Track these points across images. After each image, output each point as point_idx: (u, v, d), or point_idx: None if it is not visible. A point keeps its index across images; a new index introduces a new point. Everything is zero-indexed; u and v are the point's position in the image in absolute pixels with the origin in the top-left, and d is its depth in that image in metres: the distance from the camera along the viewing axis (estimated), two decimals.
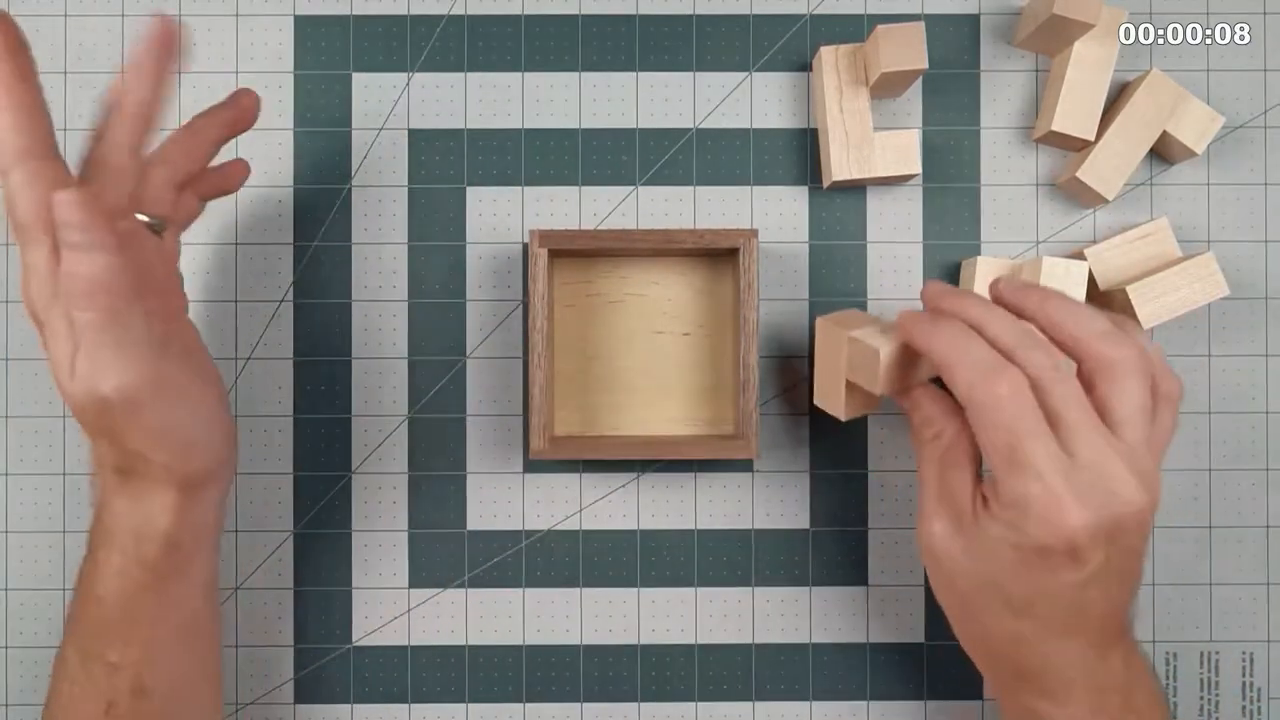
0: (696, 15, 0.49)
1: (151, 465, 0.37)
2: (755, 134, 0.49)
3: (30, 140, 0.34)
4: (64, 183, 0.34)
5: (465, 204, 0.49)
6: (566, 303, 0.48)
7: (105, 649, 0.38)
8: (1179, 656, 0.48)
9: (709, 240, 0.44)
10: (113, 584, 0.38)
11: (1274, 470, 0.49)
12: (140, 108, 0.35)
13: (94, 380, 0.34)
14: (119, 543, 0.38)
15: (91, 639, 0.38)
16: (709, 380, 0.48)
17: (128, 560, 0.38)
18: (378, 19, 0.49)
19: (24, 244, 0.34)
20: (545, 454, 0.44)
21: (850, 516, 0.49)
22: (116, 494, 0.38)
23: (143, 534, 0.38)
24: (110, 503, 0.38)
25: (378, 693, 0.48)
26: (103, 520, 0.38)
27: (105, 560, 0.38)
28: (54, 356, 0.35)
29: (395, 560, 0.48)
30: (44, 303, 0.35)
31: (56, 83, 0.48)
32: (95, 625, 0.38)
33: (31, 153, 0.34)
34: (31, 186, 0.33)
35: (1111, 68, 0.46)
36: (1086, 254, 0.46)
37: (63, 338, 0.35)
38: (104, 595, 0.38)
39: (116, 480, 0.38)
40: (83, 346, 0.34)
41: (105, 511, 0.38)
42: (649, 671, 0.48)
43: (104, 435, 0.37)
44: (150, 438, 0.36)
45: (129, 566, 0.38)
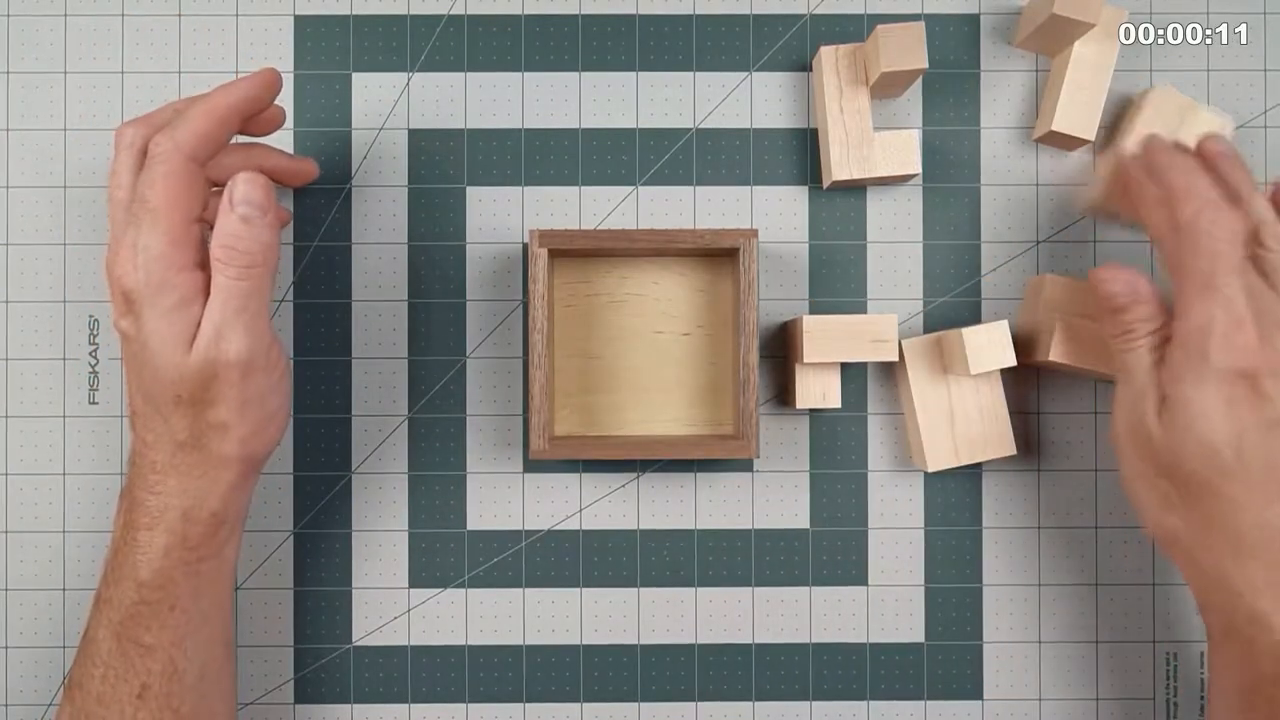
0: (696, 15, 0.49)
1: (226, 439, 0.39)
2: (755, 134, 0.49)
3: (198, 144, 0.39)
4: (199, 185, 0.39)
5: (465, 204, 0.49)
6: (566, 302, 0.48)
7: (141, 632, 0.39)
8: (1179, 656, 0.48)
9: (709, 240, 0.44)
10: (156, 565, 0.39)
11: None
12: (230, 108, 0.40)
13: (223, 345, 0.37)
14: (166, 522, 0.39)
15: (128, 622, 0.39)
16: (709, 380, 0.48)
17: (173, 540, 0.39)
18: (378, 19, 0.49)
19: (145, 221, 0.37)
20: (545, 454, 0.44)
21: (850, 516, 0.49)
22: (170, 473, 0.39)
23: (192, 514, 0.39)
24: (160, 482, 0.39)
25: (378, 693, 0.48)
26: (146, 502, 0.39)
27: (149, 541, 0.39)
28: (162, 329, 0.37)
29: (395, 560, 0.48)
30: (157, 278, 0.37)
31: (56, 82, 0.48)
32: (133, 608, 0.39)
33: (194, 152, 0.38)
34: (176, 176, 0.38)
35: (1111, 68, 0.46)
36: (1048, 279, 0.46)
37: (180, 309, 0.37)
38: (146, 578, 0.39)
39: (177, 457, 0.39)
40: (225, 314, 0.37)
41: (151, 492, 0.39)
42: (649, 671, 0.48)
43: (199, 404, 0.38)
44: (243, 408, 0.39)
45: (174, 547, 0.39)
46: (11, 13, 0.48)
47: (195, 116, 0.39)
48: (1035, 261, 0.49)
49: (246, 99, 0.40)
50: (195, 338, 0.38)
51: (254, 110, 0.41)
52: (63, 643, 0.48)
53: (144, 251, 0.37)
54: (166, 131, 0.38)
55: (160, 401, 0.38)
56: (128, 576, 0.39)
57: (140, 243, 0.37)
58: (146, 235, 0.37)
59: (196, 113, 0.39)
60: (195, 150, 0.39)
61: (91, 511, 0.48)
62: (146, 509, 0.39)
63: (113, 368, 0.48)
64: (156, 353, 0.37)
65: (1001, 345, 0.44)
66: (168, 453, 0.39)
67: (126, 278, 0.37)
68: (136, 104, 0.48)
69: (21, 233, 0.48)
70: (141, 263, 0.37)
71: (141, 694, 0.39)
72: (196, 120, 0.39)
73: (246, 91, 0.40)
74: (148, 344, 0.37)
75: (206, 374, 0.38)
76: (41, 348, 0.48)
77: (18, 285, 0.48)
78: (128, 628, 0.39)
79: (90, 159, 0.48)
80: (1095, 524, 0.48)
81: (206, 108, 0.39)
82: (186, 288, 0.38)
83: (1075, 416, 0.49)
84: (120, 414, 0.48)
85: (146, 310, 0.37)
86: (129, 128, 0.40)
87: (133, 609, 0.39)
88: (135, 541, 0.39)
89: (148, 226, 0.37)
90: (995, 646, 0.48)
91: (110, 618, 0.39)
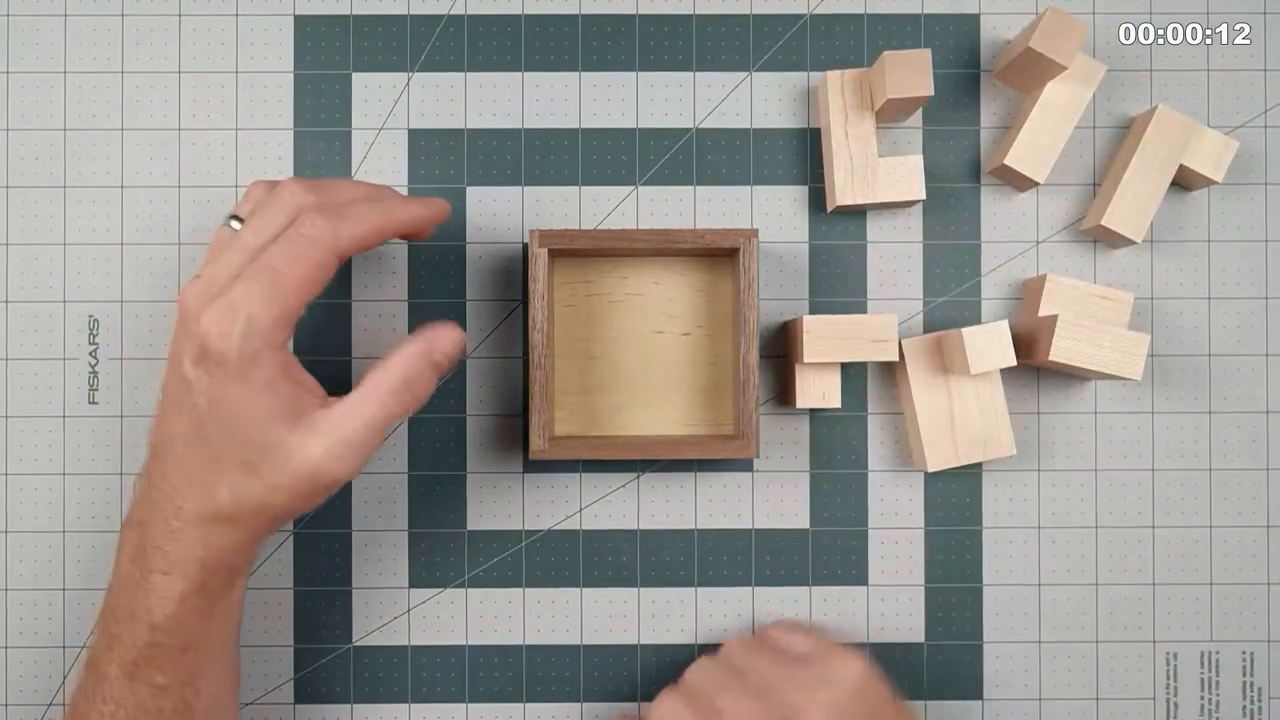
0: (696, 15, 0.49)
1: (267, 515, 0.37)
2: (755, 134, 0.49)
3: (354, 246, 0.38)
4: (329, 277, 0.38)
5: (465, 204, 0.49)
6: (566, 302, 0.48)
7: (154, 673, 0.38)
8: (1179, 656, 0.48)
9: (709, 240, 0.44)
10: (170, 610, 0.38)
11: (1274, 470, 0.49)
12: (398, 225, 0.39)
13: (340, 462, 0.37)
14: (183, 570, 0.37)
15: (141, 662, 0.38)
16: (709, 380, 0.48)
17: (190, 588, 0.38)
18: (378, 19, 0.49)
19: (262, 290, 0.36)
20: (545, 454, 0.44)
21: (850, 516, 0.49)
22: (196, 525, 0.37)
23: (210, 564, 0.38)
24: (183, 530, 0.37)
25: (378, 693, 0.48)
26: (164, 546, 0.37)
27: (164, 587, 0.37)
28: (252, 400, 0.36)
29: (395, 560, 0.48)
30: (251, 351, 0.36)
31: (56, 82, 0.48)
32: (145, 649, 0.38)
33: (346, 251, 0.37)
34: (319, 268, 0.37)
35: (1076, 118, 0.46)
36: (1048, 278, 0.46)
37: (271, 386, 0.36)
38: (159, 622, 0.38)
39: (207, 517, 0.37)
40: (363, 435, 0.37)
41: (172, 539, 0.37)
42: (649, 671, 0.48)
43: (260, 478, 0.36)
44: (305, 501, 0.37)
45: (189, 594, 0.38)
46: (11, 13, 0.48)
47: (366, 220, 0.38)
48: (1035, 261, 0.49)
49: (417, 221, 0.40)
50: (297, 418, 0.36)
51: (416, 232, 0.40)
52: (62, 643, 0.48)
53: (248, 321, 0.35)
54: (331, 219, 0.37)
55: (225, 461, 0.36)
56: (140, 619, 0.38)
57: (245, 309, 0.35)
58: (258, 305, 0.35)
59: (369, 218, 0.38)
60: (347, 251, 0.37)
61: (91, 511, 0.48)
62: (164, 554, 0.37)
63: (112, 368, 0.48)
64: (239, 416, 0.36)
65: (1001, 345, 0.44)
66: (200, 508, 0.37)
67: (214, 337, 0.36)
68: (136, 104, 0.48)
69: (21, 233, 0.48)
70: (240, 331, 0.35)
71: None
72: (366, 224, 0.38)
73: (419, 214, 0.40)
74: (229, 406, 0.36)
75: (302, 474, 0.36)
76: (41, 348, 0.48)
77: (18, 285, 0.48)
78: (140, 668, 0.38)
79: (90, 158, 0.48)
80: (1095, 524, 0.48)
81: (380, 219, 0.38)
82: (277, 366, 0.36)
83: (1075, 416, 0.49)
84: (120, 414, 0.48)
85: (229, 375, 0.36)
86: (297, 186, 0.38)
87: (145, 650, 0.38)
88: (150, 584, 0.38)
89: (262, 298, 0.36)
90: (995, 646, 0.48)
91: (122, 656, 0.38)
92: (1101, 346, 0.44)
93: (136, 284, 0.48)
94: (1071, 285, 0.47)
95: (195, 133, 0.48)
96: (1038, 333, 0.45)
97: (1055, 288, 0.46)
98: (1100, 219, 0.46)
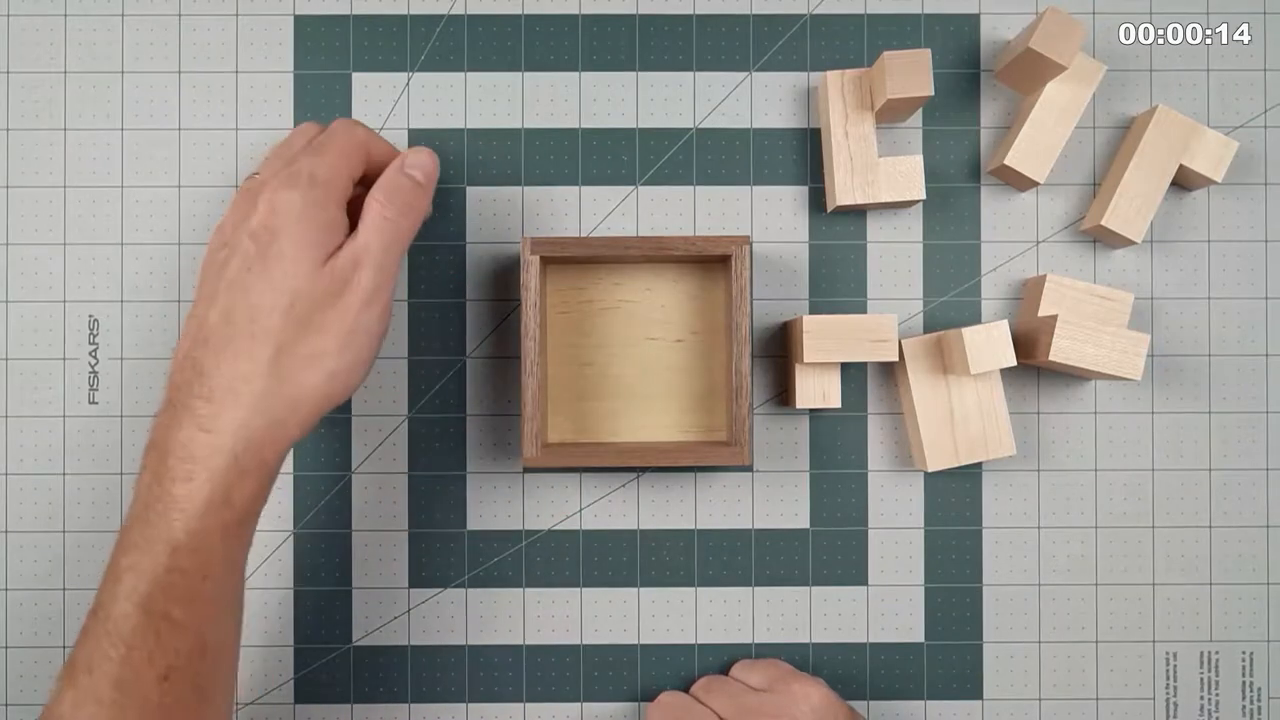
0: (696, 15, 0.49)
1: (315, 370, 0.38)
2: (755, 134, 0.49)
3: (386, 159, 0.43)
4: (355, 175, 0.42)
5: (465, 204, 0.49)
6: (560, 309, 0.48)
7: (172, 605, 0.35)
8: (1179, 656, 0.48)
9: (701, 248, 0.44)
10: (193, 525, 0.35)
11: (1274, 470, 0.49)
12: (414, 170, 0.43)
13: (359, 271, 0.39)
14: (211, 469, 0.35)
15: (157, 594, 0.35)
16: (702, 386, 0.48)
17: (216, 495, 0.35)
18: (378, 19, 0.49)
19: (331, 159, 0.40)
20: (538, 462, 0.44)
21: (850, 516, 0.49)
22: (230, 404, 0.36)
23: (244, 460, 0.36)
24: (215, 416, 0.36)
25: (378, 693, 0.48)
26: (192, 442, 0.35)
27: (187, 496, 0.35)
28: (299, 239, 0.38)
29: (395, 560, 0.48)
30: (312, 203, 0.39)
31: (56, 82, 0.48)
32: (164, 577, 0.35)
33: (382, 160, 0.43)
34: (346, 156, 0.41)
35: (1076, 118, 0.46)
36: (1048, 278, 0.46)
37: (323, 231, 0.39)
38: (181, 540, 0.35)
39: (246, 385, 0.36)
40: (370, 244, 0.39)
41: (202, 428, 0.36)
42: (649, 670, 0.48)
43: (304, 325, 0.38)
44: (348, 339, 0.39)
45: (215, 503, 0.35)
46: (11, 13, 0.48)
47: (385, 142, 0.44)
48: (1035, 261, 0.49)
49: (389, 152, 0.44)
50: (330, 257, 0.39)
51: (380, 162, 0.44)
52: (63, 643, 0.48)
53: (310, 175, 0.39)
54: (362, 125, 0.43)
55: (263, 315, 0.37)
56: (159, 539, 0.35)
57: (307, 168, 0.39)
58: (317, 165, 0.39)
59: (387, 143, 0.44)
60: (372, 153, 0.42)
61: (91, 511, 0.48)
62: (189, 452, 0.35)
63: (112, 368, 0.48)
64: (283, 260, 0.38)
65: (1001, 345, 0.44)
66: (234, 378, 0.35)
67: (281, 196, 0.38)
68: (136, 103, 0.48)
69: (21, 233, 0.48)
70: (305, 180, 0.39)
71: (168, 675, 0.35)
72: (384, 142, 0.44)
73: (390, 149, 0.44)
74: (282, 256, 0.38)
75: (332, 294, 0.38)
76: (41, 348, 0.48)
77: (18, 285, 0.48)
78: (156, 600, 0.35)
79: (90, 158, 0.48)
80: (1095, 524, 0.48)
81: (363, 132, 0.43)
82: (334, 218, 0.39)
83: (1075, 416, 0.49)
84: (120, 414, 0.48)
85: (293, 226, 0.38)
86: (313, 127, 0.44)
87: (164, 579, 0.35)
88: (170, 497, 0.35)
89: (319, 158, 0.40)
90: (995, 646, 0.48)
91: (135, 588, 0.35)
92: (1101, 346, 0.44)
93: (136, 284, 0.48)
94: (1071, 285, 0.47)
95: (195, 133, 0.48)
96: (1038, 333, 0.45)
97: (1055, 288, 0.46)
98: (1100, 219, 0.46)
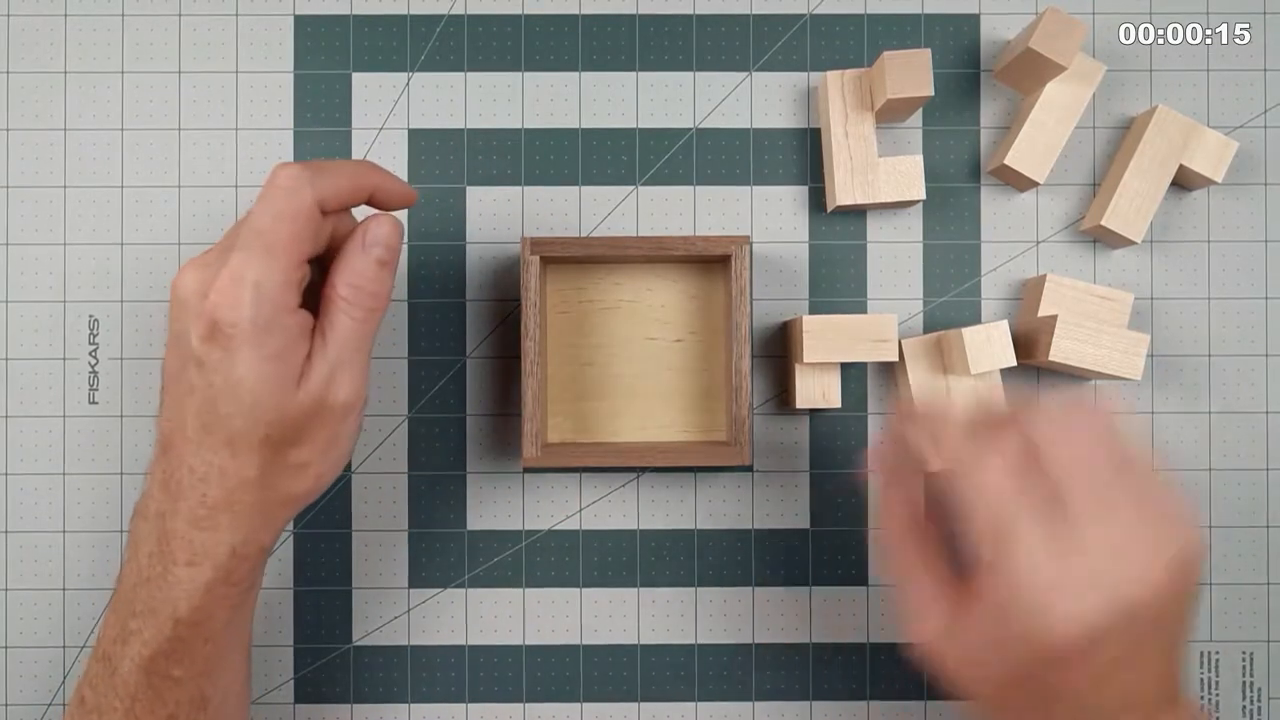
0: (696, 15, 0.49)
1: (301, 478, 0.37)
2: (755, 134, 0.49)
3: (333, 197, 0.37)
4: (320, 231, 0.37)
5: (465, 204, 0.49)
6: (559, 309, 0.48)
7: (172, 666, 0.37)
8: None
9: (700, 248, 0.44)
10: (196, 602, 0.37)
11: (1274, 470, 0.49)
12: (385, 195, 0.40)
13: (334, 387, 0.37)
14: (213, 559, 0.36)
15: (159, 657, 0.37)
16: (702, 386, 0.48)
17: (218, 576, 0.37)
18: (378, 19, 0.49)
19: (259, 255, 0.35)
20: (538, 462, 0.44)
21: (850, 516, 0.49)
22: (225, 510, 0.36)
23: (241, 551, 0.37)
24: (210, 518, 0.36)
25: (378, 693, 0.48)
26: (190, 537, 0.36)
27: (191, 578, 0.36)
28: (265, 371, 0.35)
29: (395, 560, 0.48)
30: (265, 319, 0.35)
31: (56, 83, 0.48)
32: (166, 644, 0.37)
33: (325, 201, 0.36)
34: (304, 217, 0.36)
35: (1076, 118, 0.46)
36: (1048, 278, 0.46)
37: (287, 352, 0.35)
38: (185, 615, 0.37)
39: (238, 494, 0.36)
40: (342, 355, 0.37)
41: (199, 528, 0.36)
42: (649, 671, 0.48)
43: (285, 444, 0.36)
44: (329, 446, 0.37)
45: (217, 583, 0.37)
46: (11, 12, 0.48)
47: (340, 171, 0.37)
48: (1035, 261, 0.49)
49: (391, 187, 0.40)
50: (302, 378, 0.36)
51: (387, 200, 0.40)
52: (62, 643, 0.48)
53: (255, 289, 0.34)
54: (305, 169, 0.36)
55: (242, 439, 0.36)
56: (163, 613, 0.37)
57: (250, 278, 0.34)
58: (260, 271, 0.34)
59: (344, 169, 0.38)
60: (326, 200, 0.37)
61: (91, 511, 0.48)
62: (189, 544, 0.36)
63: (112, 368, 0.48)
64: (252, 392, 0.35)
65: (1001, 345, 0.44)
66: (226, 489, 0.36)
67: (224, 310, 0.34)
68: (136, 104, 0.48)
69: (21, 233, 0.48)
70: (250, 300, 0.34)
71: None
72: (340, 174, 0.37)
73: (394, 183, 0.40)
74: (242, 382, 0.35)
75: (310, 415, 0.36)
76: (41, 348, 0.48)
77: (18, 285, 0.48)
78: (159, 664, 0.37)
79: (90, 158, 0.48)
80: None
81: (354, 171, 0.38)
82: (292, 330, 0.35)
83: None
84: (120, 414, 0.48)
85: (245, 349, 0.35)
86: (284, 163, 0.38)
87: (166, 645, 0.37)
88: (174, 577, 0.36)
89: (261, 262, 0.35)
90: None
91: (140, 652, 0.37)
92: (1101, 346, 0.44)
93: (136, 284, 0.48)
94: (1071, 285, 0.47)
95: (195, 133, 0.49)
96: (1038, 333, 0.45)
97: (1055, 288, 0.46)
98: (1100, 219, 0.46)
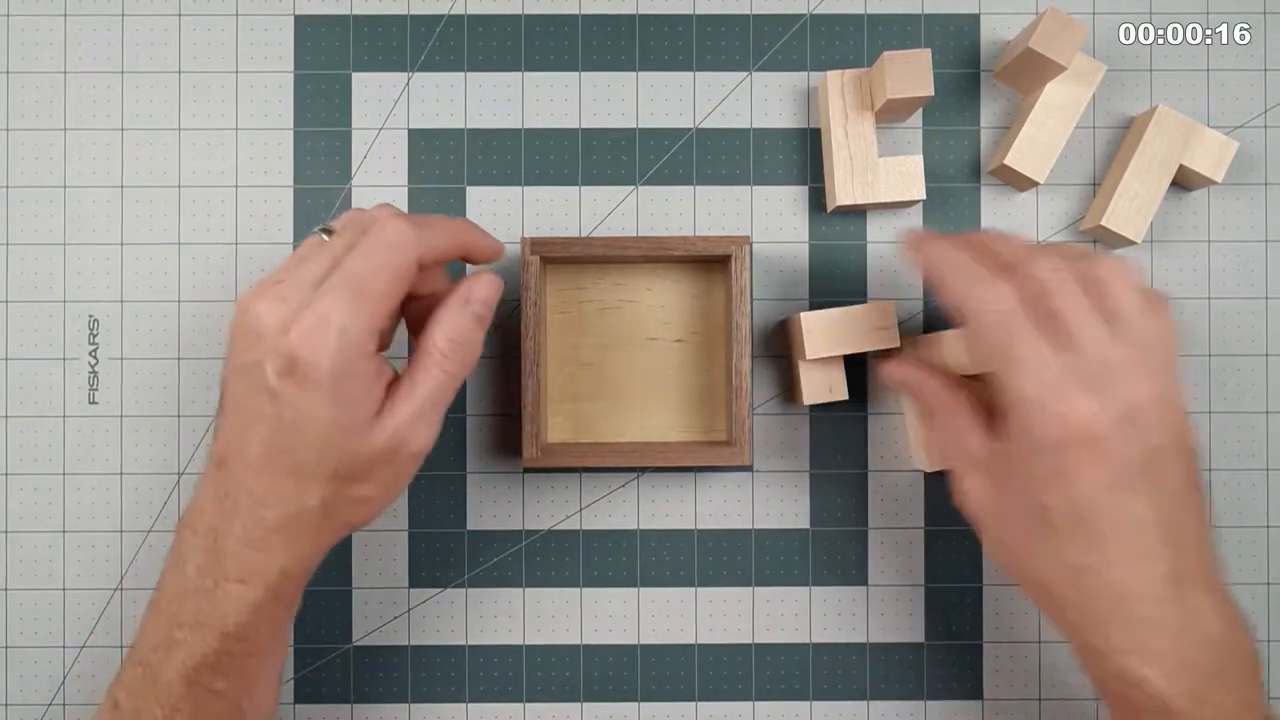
0: (696, 15, 0.49)
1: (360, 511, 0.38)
2: (755, 134, 0.49)
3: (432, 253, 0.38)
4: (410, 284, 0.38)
5: (465, 204, 0.49)
6: (559, 309, 0.48)
7: (215, 678, 0.38)
8: None
9: (700, 248, 0.44)
10: (244, 618, 0.37)
11: (1274, 470, 0.49)
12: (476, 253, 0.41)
13: (413, 435, 0.37)
14: (265, 579, 0.37)
15: (203, 669, 0.37)
16: (702, 386, 0.48)
17: (267, 596, 0.37)
18: (378, 19, 0.49)
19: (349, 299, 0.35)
20: (538, 462, 0.44)
21: (850, 516, 0.49)
22: (281, 533, 0.37)
23: (291, 572, 0.37)
24: (265, 540, 0.37)
25: (378, 693, 0.48)
26: (244, 556, 0.37)
27: (240, 595, 0.37)
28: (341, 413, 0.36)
29: (395, 560, 0.48)
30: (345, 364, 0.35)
31: (56, 83, 0.48)
32: (212, 656, 0.37)
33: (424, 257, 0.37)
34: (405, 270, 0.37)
35: (1076, 118, 0.46)
36: None
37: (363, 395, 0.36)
38: (233, 630, 0.37)
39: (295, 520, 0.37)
40: (426, 406, 0.37)
41: (254, 549, 0.37)
42: (649, 671, 0.48)
43: (352, 480, 0.37)
44: (393, 485, 0.38)
45: (266, 602, 0.37)
46: (11, 12, 0.48)
47: (445, 229, 0.39)
48: None
49: (486, 244, 0.41)
50: (378, 418, 0.36)
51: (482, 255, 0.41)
52: (62, 643, 0.48)
53: (340, 334, 0.35)
54: (413, 225, 0.37)
55: (308, 472, 0.36)
56: (211, 626, 0.37)
57: (337, 322, 0.35)
58: (347, 317, 0.35)
59: (448, 226, 0.39)
60: (427, 257, 0.38)
61: (91, 511, 0.48)
62: (242, 563, 0.37)
63: (112, 368, 0.48)
64: (323, 433, 0.35)
65: None
66: (285, 514, 0.37)
67: (307, 350, 0.34)
68: (136, 104, 0.48)
69: (21, 233, 0.48)
70: (335, 345, 0.35)
71: None
72: (444, 233, 0.38)
73: (489, 240, 0.41)
74: (316, 422, 0.35)
75: (383, 458, 0.37)
76: (41, 348, 0.48)
77: (18, 285, 0.48)
78: (203, 675, 0.37)
79: (90, 158, 0.48)
80: None
81: (458, 230, 0.39)
82: (369, 376, 0.36)
83: None
84: (120, 414, 0.48)
85: (322, 391, 0.35)
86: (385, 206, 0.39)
87: (211, 658, 0.37)
88: (223, 592, 0.37)
89: (350, 309, 0.35)
90: (995, 646, 0.48)
91: (184, 662, 0.37)
92: None
93: (136, 284, 0.48)
94: None
95: (195, 133, 0.49)
96: None
97: None
98: (1100, 219, 0.46)
